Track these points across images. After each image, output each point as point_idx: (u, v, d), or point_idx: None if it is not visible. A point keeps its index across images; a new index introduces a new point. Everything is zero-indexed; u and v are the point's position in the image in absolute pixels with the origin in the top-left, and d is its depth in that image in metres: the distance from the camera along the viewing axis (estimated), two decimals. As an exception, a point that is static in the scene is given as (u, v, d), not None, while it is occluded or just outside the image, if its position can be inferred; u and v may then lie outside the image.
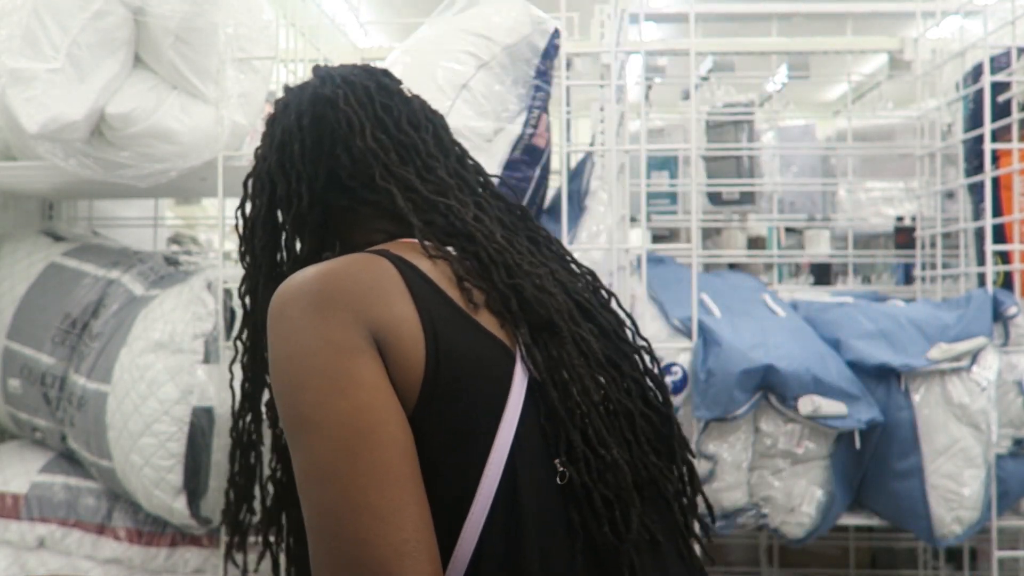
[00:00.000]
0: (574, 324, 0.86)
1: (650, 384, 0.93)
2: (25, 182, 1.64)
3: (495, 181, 1.02)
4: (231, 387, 1.22)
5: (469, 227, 0.87)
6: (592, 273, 1.00)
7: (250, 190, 1.04)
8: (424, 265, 0.81)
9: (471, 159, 1.02)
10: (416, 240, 0.86)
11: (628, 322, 0.99)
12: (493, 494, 0.71)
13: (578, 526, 0.75)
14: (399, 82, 1.01)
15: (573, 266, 1.00)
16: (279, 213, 1.00)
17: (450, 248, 0.86)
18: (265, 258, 1.03)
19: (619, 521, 0.76)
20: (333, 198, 0.96)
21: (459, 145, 1.02)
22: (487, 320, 0.80)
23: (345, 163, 0.93)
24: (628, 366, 0.91)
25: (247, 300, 1.08)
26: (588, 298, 0.94)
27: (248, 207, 1.04)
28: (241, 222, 1.06)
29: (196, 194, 2.56)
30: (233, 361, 1.19)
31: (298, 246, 1.01)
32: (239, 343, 1.14)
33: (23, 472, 1.59)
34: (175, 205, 3.06)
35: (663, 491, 0.85)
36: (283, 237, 1.02)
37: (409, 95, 1.00)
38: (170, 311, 1.51)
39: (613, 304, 0.99)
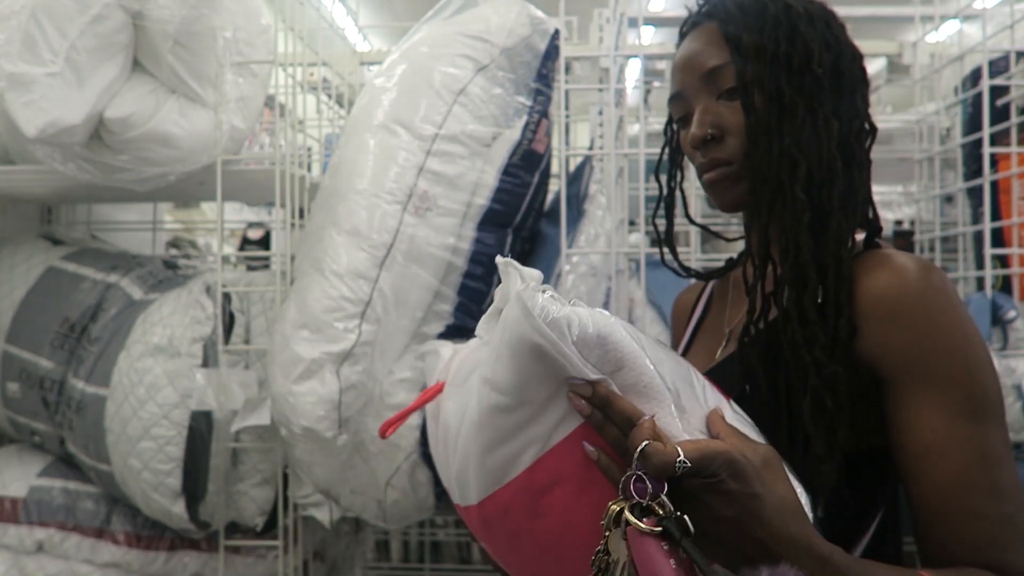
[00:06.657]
0: None
1: None
2: (24, 186, 1.64)
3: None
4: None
5: None
6: None
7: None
8: None
9: None
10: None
11: None
12: None
13: None
14: None
15: None
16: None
17: None
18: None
19: None
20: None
21: None
22: None
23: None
24: None
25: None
26: None
27: None
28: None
29: (195, 198, 2.57)
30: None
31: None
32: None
33: (22, 476, 1.59)
34: (174, 209, 3.06)
35: None
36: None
37: None
38: (169, 315, 1.51)
39: None
